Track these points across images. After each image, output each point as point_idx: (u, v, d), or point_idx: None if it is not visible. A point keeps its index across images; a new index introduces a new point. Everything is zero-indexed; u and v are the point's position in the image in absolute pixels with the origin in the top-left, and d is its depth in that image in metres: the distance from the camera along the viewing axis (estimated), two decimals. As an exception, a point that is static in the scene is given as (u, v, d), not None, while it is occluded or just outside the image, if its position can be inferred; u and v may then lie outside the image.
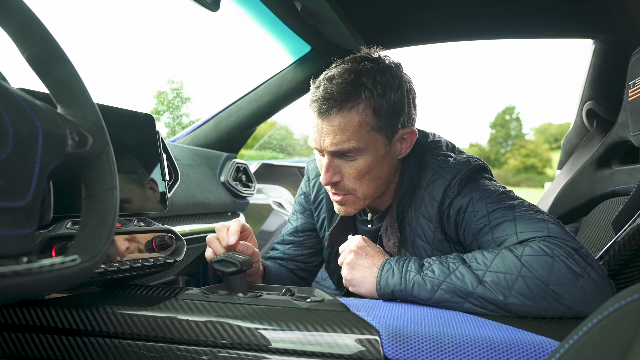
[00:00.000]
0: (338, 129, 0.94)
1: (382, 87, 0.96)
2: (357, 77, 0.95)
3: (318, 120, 0.96)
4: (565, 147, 1.95)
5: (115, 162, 0.57)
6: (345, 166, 0.98)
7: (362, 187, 1.00)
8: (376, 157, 0.98)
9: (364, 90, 0.94)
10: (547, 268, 0.76)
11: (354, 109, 0.94)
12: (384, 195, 1.07)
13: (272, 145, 3.31)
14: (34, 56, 0.53)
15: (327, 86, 0.95)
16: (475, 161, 1.01)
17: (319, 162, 1.03)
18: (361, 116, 0.95)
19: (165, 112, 2.34)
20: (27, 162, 0.45)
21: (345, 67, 0.98)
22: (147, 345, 0.72)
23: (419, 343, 0.64)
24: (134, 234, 0.87)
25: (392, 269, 0.86)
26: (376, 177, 1.00)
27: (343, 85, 0.94)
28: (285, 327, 0.69)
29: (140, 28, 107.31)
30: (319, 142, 0.97)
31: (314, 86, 1.00)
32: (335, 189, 1.01)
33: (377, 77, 0.96)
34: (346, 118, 0.94)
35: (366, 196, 1.01)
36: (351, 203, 1.02)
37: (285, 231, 1.31)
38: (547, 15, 1.56)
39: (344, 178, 0.99)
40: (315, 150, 1.03)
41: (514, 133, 73.44)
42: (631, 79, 1.21)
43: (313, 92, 0.99)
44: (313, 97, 0.97)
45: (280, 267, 1.25)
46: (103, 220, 0.52)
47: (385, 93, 0.96)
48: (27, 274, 0.41)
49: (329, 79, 0.97)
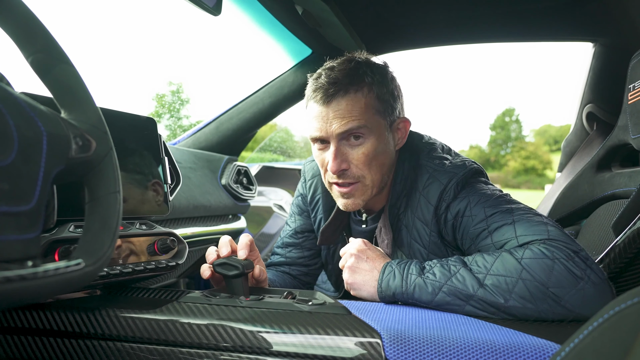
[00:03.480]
0: (345, 111, 0.96)
1: (380, 75, 1.00)
2: (357, 64, 1.00)
3: (322, 108, 0.97)
4: (566, 149, 1.95)
5: (118, 166, 0.57)
6: (352, 152, 0.98)
7: (370, 173, 1.00)
8: (381, 141, 0.99)
9: (366, 75, 0.98)
10: (548, 271, 0.76)
11: (359, 92, 0.97)
12: (380, 193, 1.07)
13: (272, 147, 3.32)
14: (38, 61, 0.54)
15: (329, 74, 0.98)
16: (471, 165, 1.01)
17: (320, 157, 1.03)
18: (367, 99, 0.97)
19: (166, 115, 2.35)
20: (31, 166, 0.45)
21: (343, 59, 1.02)
22: (149, 348, 0.73)
23: (421, 346, 0.64)
24: (136, 237, 0.87)
25: (393, 271, 0.87)
26: (382, 164, 1.01)
27: (346, 71, 0.98)
28: (286, 330, 0.70)
29: (141, 32, 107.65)
30: (324, 129, 0.97)
31: (312, 78, 1.01)
32: (343, 178, 1.00)
33: (373, 67, 1.01)
34: (353, 100, 0.96)
35: (374, 184, 1.01)
36: (359, 193, 1.01)
37: (285, 234, 1.30)
38: (547, 18, 1.57)
39: (352, 165, 0.99)
40: (315, 145, 1.03)
41: (514, 135, 73.45)
42: (631, 82, 1.21)
43: (313, 82, 1.00)
44: (315, 86, 0.98)
45: (284, 276, 1.25)
46: (106, 224, 0.53)
47: (384, 80, 1.01)
48: (32, 278, 0.41)
49: (330, 68, 1.00)
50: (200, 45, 79.86)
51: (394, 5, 1.52)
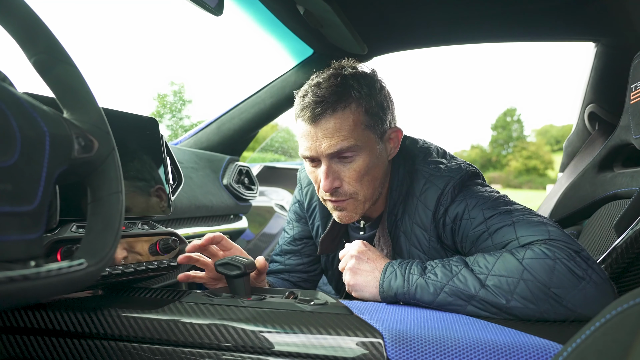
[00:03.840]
0: (334, 130, 0.94)
1: (368, 87, 0.98)
2: (343, 79, 0.97)
3: (310, 127, 0.95)
4: (568, 149, 1.95)
5: (120, 166, 0.57)
6: (343, 170, 0.97)
7: (362, 189, 0.99)
8: (372, 156, 0.98)
9: (353, 90, 0.96)
10: (549, 271, 0.76)
11: (347, 109, 0.95)
12: (377, 201, 1.06)
13: (274, 147, 3.32)
14: (40, 62, 0.54)
15: (315, 92, 0.95)
16: (467, 167, 1.00)
17: (313, 174, 1.02)
18: (355, 115, 0.95)
19: (167, 115, 2.35)
20: (34, 167, 0.45)
21: (329, 73, 0.99)
22: (151, 348, 0.73)
23: (422, 346, 0.65)
24: (138, 237, 0.88)
25: (394, 272, 0.86)
26: (374, 178, 1.00)
27: (332, 88, 0.95)
28: (288, 330, 0.70)
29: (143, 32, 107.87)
30: (314, 149, 0.96)
31: (299, 96, 0.99)
32: (336, 196, 0.99)
33: (360, 79, 0.98)
34: (341, 118, 0.94)
35: (366, 198, 1.01)
36: (352, 208, 1.01)
37: (283, 241, 1.29)
38: (549, 18, 1.57)
39: (344, 183, 0.98)
40: (306, 162, 1.01)
41: (516, 135, 73.37)
42: (633, 82, 1.21)
43: (300, 101, 0.98)
44: (302, 105, 0.96)
45: (284, 282, 1.24)
46: (109, 224, 0.53)
47: (372, 93, 0.98)
48: (35, 278, 0.41)
49: (316, 85, 0.97)
50: (202, 45, 79.74)
51: (396, 5, 1.52)
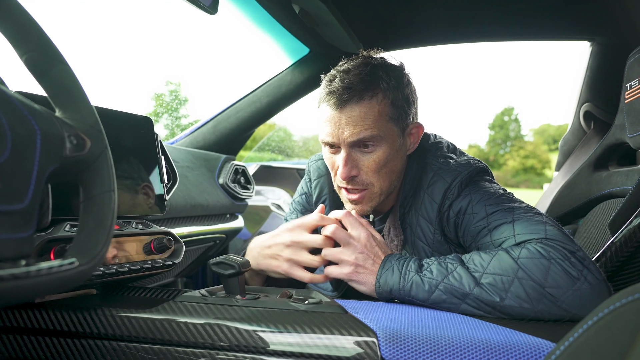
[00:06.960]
0: (359, 119, 0.94)
1: (396, 80, 0.98)
2: (372, 69, 0.97)
3: (335, 113, 0.95)
4: (563, 148, 1.95)
5: (113, 164, 0.57)
6: (362, 159, 0.98)
7: (379, 181, 0.99)
8: (393, 149, 0.98)
9: (382, 81, 0.96)
10: (544, 271, 0.76)
11: (373, 99, 0.95)
12: (390, 195, 1.06)
13: (270, 147, 3.31)
14: (32, 60, 0.53)
15: (344, 77, 0.95)
16: (475, 163, 1.01)
17: (330, 160, 1.02)
18: (380, 106, 0.95)
19: (163, 114, 2.35)
20: (25, 165, 0.45)
21: (359, 61, 0.99)
22: (145, 348, 0.73)
23: (416, 345, 0.64)
24: (132, 236, 0.87)
25: (392, 267, 0.87)
26: (392, 170, 1.00)
27: (361, 76, 0.95)
28: (283, 329, 0.69)
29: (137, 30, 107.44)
30: (336, 135, 0.96)
31: (326, 80, 0.99)
32: (352, 184, 0.99)
33: (389, 71, 0.99)
34: (367, 107, 0.94)
35: (382, 191, 1.01)
36: (367, 200, 1.01)
37: None
38: (544, 17, 1.57)
39: (361, 172, 0.98)
40: (326, 148, 1.02)
41: (513, 134, 73.50)
42: (628, 81, 1.21)
43: (327, 85, 0.97)
44: (329, 90, 0.96)
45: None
46: (101, 223, 0.52)
47: (399, 85, 0.99)
48: (25, 277, 0.41)
49: (345, 71, 0.97)
50: (198, 44, 79.50)
51: (392, 3, 1.52)
